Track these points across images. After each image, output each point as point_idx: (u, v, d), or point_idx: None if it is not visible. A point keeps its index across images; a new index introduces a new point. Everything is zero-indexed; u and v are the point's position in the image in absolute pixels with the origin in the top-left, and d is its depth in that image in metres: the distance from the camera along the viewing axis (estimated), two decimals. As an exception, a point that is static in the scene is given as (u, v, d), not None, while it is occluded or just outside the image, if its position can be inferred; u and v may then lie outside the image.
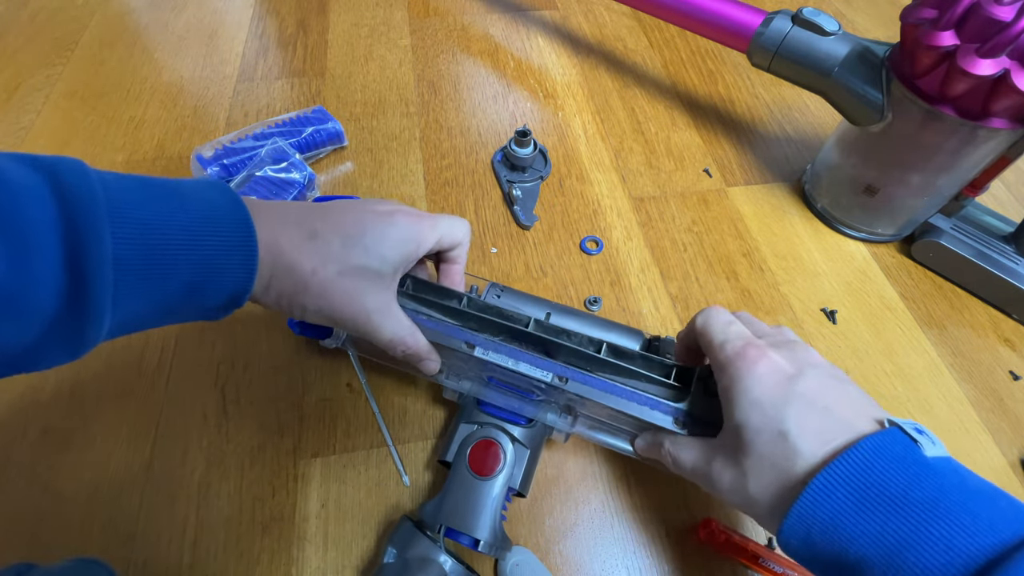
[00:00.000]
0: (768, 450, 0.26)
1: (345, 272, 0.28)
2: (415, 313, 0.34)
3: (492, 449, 0.34)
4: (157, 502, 0.38)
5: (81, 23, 0.72)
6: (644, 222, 0.54)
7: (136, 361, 0.43)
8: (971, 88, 0.38)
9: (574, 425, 0.35)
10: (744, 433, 0.26)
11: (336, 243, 0.28)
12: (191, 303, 0.25)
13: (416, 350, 0.33)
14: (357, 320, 0.30)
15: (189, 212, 0.24)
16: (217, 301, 0.26)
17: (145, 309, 0.24)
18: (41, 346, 0.21)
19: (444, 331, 0.34)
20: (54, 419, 0.41)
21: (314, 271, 0.28)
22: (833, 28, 0.46)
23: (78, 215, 0.20)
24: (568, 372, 0.33)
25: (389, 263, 0.30)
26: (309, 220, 0.29)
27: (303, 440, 0.40)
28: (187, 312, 0.26)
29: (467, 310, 0.34)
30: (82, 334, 0.21)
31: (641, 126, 0.62)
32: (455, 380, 0.36)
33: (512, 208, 0.53)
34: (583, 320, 0.41)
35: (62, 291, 0.20)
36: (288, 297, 0.28)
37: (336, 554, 0.36)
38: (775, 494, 0.25)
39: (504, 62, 0.69)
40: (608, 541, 0.37)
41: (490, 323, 0.34)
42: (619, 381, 0.33)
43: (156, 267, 0.23)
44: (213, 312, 0.27)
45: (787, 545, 0.25)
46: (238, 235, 0.25)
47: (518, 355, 0.33)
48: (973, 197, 0.48)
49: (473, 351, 0.34)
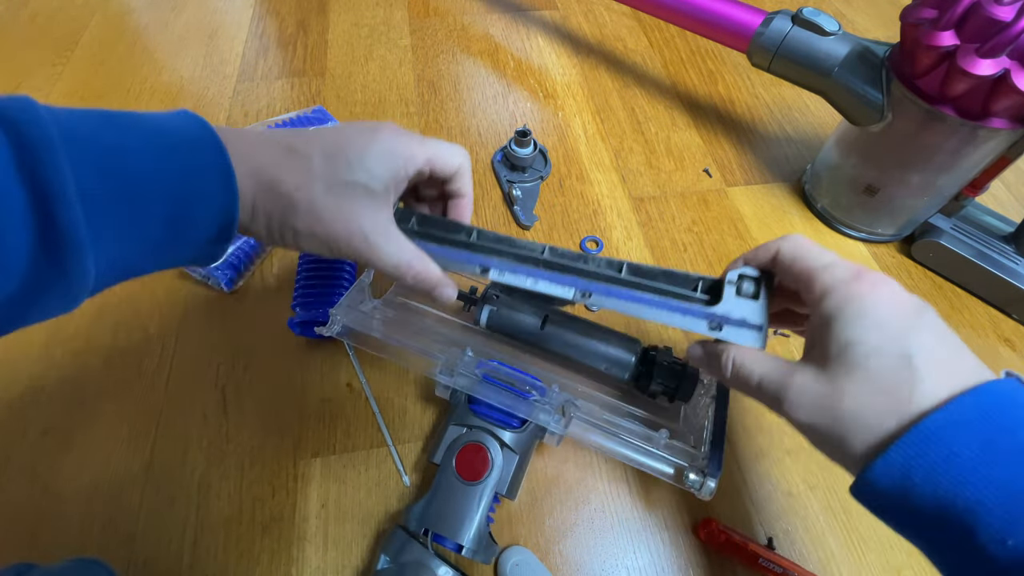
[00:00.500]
0: (883, 372, 0.23)
1: (332, 189, 0.27)
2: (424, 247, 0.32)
3: (480, 454, 0.34)
4: (157, 502, 0.38)
5: (81, 23, 0.72)
6: (644, 222, 0.54)
7: (136, 361, 0.43)
8: (971, 88, 0.38)
9: (567, 427, 0.35)
10: (853, 352, 0.24)
11: (317, 158, 0.26)
12: (179, 238, 0.24)
13: (426, 275, 0.31)
14: (353, 242, 0.28)
15: (153, 137, 0.23)
16: (206, 232, 0.25)
17: (131, 249, 0.22)
18: (28, 296, 0.20)
19: (455, 257, 0.32)
20: (54, 419, 0.41)
21: (298, 187, 0.26)
22: (833, 28, 0.46)
23: (33, 149, 0.19)
24: (591, 286, 0.31)
25: (378, 179, 0.27)
26: (285, 138, 0.27)
27: (303, 440, 0.40)
28: (181, 249, 0.25)
29: (478, 242, 0.32)
30: (67, 278, 0.20)
31: (641, 126, 0.62)
32: (448, 375, 0.36)
33: (512, 208, 0.53)
34: (582, 325, 0.41)
35: (32, 233, 0.19)
36: (278, 221, 0.27)
37: (336, 554, 0.36)
38: (875, 421, 0.23)
39: (504, 62, 0.69)
40: (608, 541, 0.37)
41: (504, 253, 0.32)
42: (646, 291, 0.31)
43: (127, 198, 0.21)
44: (207, 247, 0.26)
45: (871, 484, 0.22)
46: (209, 156, 0.24)
47: (536, 274, 0.31)
48: (973, 197, 0.48)
49: (487, 275, 0.31)
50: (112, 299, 0.46)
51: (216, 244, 0.26)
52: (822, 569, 0.37)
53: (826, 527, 0.38)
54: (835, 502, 0.39)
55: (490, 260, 0.32)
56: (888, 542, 0.38)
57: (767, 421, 0.43)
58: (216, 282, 0.45)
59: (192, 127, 0.24)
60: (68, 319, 0.43)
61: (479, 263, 0.32)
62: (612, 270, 0.31)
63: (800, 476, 0.40)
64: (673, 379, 0.38)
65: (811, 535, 0.38)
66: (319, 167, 0.26)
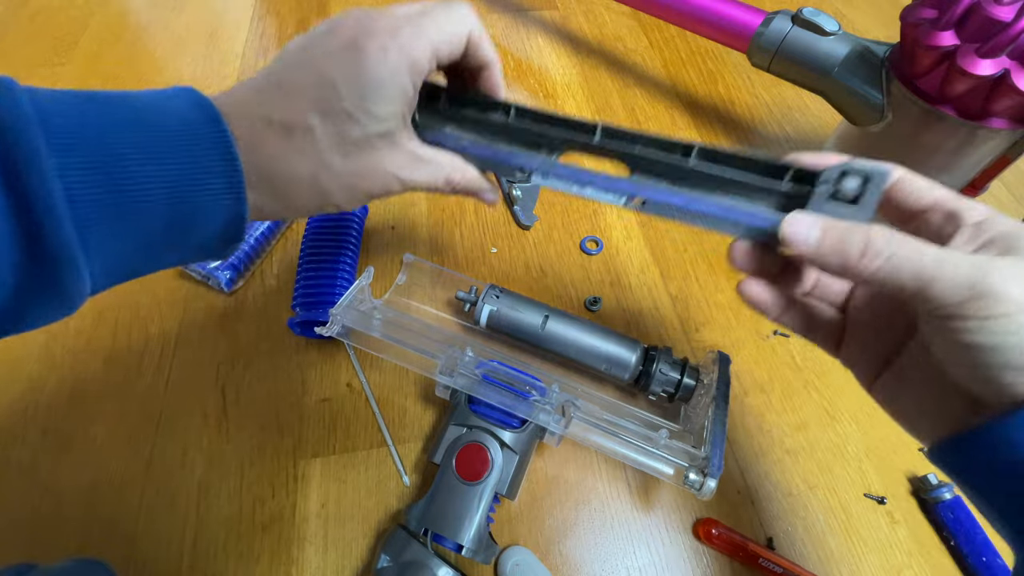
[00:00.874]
0: None
1: (348, 155, 0.24)
2: (457, 140, 0.29)
3: (480, 454, 0.34)
4: (157, 502, 0.38)
5: (81, 23, 0.72)
6: (644, 222, 0.54)
7: (136, 361, 0.43)
8: (971, 88, 0.38)
9: (567, 427, 0.35)
10: None
11: (317, 129, 0.23)
12: (183, 240, 0.22)
13: (465, 185, 0.28)
14: (390, 188, 0.26)
15: (150, 131, 0.20)
16: (212, 233, 0.23)
17: (130, 253, 0.21)
18: (21, 304, 0.19)
19: (493, 157, 0.29)
20: (54, 419, 0.41)
21: (315, 176, 0.24)
22: (833, 28, 0.46)
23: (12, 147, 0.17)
24: (645, 191, 0.27)
25: (389, 117, 0.24)
26: (269, 108, 0.23)
27: (303, 440, 0.40)
28: (185, 251, 0.23)
29: (516, 123, 0.28)
30: (61, 284, 0.19)
31: (641, 126, 0.62)
32: (448, 375, 0.36)
33: (512, 208, 0.53)
34: (582, 325, 0.41)
35: (17, 245, 0.18)
36: (302, 204, 0.25)
37: (336, 554, 0.36)
38: None
39: (504, 62, 0.69)
40: (608, 541, 0.37)
41: (546, 140, 0.28)
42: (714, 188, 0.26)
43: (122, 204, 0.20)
44: (216, 246, 0.24)
45: None
46: (215, 153, 0.21)
47: (582, 177, 0.28)
48: (973, 197, 0.48)
49: (529, 179, 0.29)
50: (112, 299, 0.46)
51: (223, 243, 0.24)
52: (822, 569, 0.37)
53: (826, 527, 0.38)
54: (835, 502, 0.39)
55: (532, 160, 0.28)
56: (888, 542, 0.38)
57: (767, 421, 0.43)
58: (216, 282, 0.45)
59: (194, 116, 0.22)
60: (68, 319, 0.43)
61: (520, 164, 0.28)
62: (679, 153, 0.26)
63: (800, 476, 0.40)
64: (673, 379, 0.38)
65: (811, 535, 0.38)
66: (323, 140, 0.24)
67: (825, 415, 0.43)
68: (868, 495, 0.40)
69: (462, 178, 0.28)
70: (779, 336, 0.47)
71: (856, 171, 0.23)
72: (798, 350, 0.46)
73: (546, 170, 0.28)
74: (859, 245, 0.21)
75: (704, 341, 0.46)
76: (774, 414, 0.43)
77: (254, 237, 0.46)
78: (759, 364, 0.45)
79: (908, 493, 0.40)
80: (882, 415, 0.27)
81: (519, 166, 0.28)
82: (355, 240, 0.47)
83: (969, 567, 0.36)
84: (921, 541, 0.38)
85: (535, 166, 0.28)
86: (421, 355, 0.36)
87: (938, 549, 0.38)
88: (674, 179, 0.27)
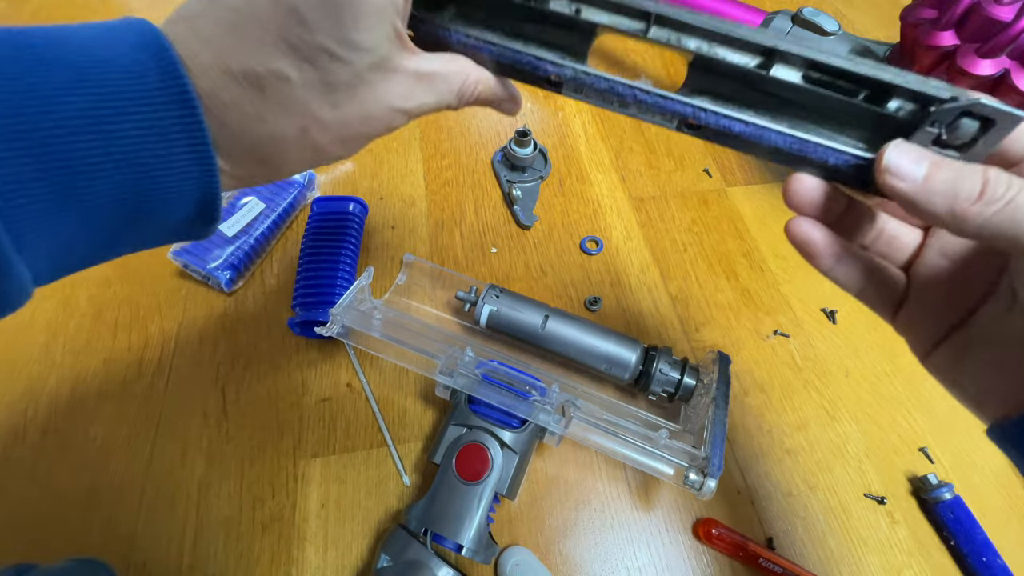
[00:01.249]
0: None
1: (339, 101, 0.20)
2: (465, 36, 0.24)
3: (480, 454, 0.34)
4: (157, 502, 0.38)
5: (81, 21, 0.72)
6: (644, 222, 0.54)
7: (136, 361, 0.43)
8: (971, 88, 0.38)
9: (567, 427, 0.35)
10: None
11: (293, 77, 0.19)
12: (143, 224, 0.19)
13: (480, 93, 0.24)
14: (394, 125, 0.23)
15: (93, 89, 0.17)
16: (179, 215, 0.20)
17: (80, 239, 0.18)
18: None
19: (516, 59, 0.23)
20: (54, 419, 0.41)
21: (303, 132, 0.20)
22: (833, 28, 0.46)
23: None
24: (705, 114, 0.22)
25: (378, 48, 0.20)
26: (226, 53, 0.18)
27: (303, 440, 0.40)
28: (147, 236, 0.20)
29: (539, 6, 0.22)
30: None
31: (641, 126, 0.62)
32: (448, 376, 0.36)
33: (512, 208, 0.53)
34: (582, 325, 0.41)
35: None
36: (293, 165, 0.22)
37: (336, 554, 0.36)
38: None
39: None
40: (608, 541, 0.37)
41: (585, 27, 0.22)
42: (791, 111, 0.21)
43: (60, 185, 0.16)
44: (184, 230, 0.21)
45: None
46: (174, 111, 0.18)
47: (623, 91, 0.23)
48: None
49: (560, 89, 0.24)
50: (112, 299, 0.46)
51: (198, 225, 0.21)
52: (822, 569, 0.37)
53: (826, 527, 0.38)
54: (835, 502, 0.39)
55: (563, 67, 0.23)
56: (888, 542, 0.38)
57: (767, 421, 0.43)
58: (216, 282, 0.45)
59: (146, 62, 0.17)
60: (68, 319, 0.43)
61: (547, 65, 0.23)
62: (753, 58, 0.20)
63: (800, 476, 0.40)
64: (673, 379, 0.38)
65: (811, 535, 0.38)
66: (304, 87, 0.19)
67: (825, 415, 0.43)
68: (868, 495, 0.40)
69: (476, 86, 0.24)
70: (779, 336, 0.47)
71: (975, 112, 0.18)
72: (798, 350, 0.46)
73: (580, 79, 0.23)
74: (975, 187, 0.17)
75: (704, 341, 0.46)
76: (774, 414, 0.43)
77: (254, 237, 0.46)
78: (759, 364, 0.45)
79: (908, 493, 0.40)
80: (882, 415, 0.27)
81: (545, 68, 0.23)
82: (355, 240, 0.47)
83: (969, 567, 0.36)
84: (921, 541, 0.38)
85: (566, 72, 0.23)
86: (421, 355, 0.36)
87: (938, 549, 0.38)
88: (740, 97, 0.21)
